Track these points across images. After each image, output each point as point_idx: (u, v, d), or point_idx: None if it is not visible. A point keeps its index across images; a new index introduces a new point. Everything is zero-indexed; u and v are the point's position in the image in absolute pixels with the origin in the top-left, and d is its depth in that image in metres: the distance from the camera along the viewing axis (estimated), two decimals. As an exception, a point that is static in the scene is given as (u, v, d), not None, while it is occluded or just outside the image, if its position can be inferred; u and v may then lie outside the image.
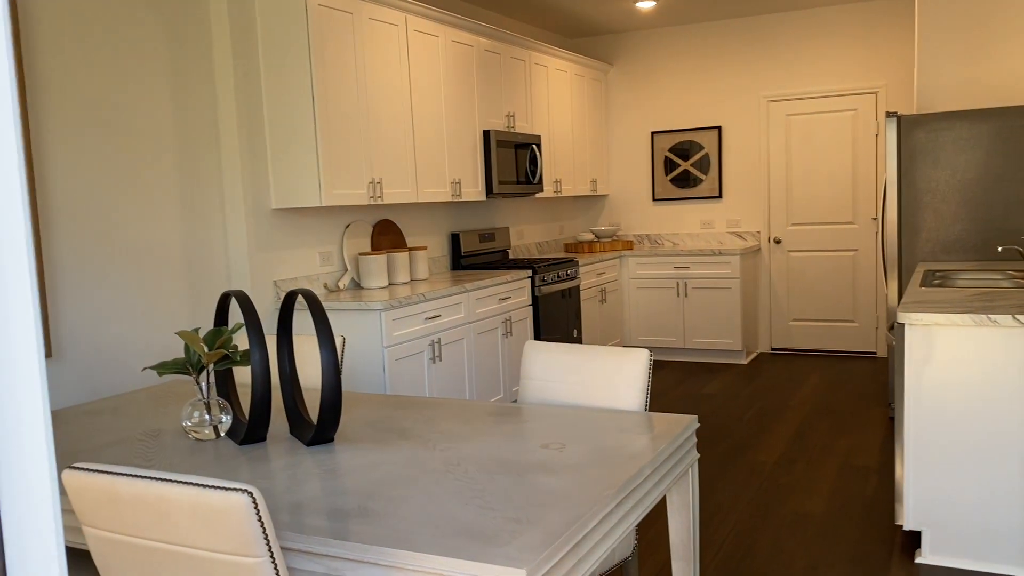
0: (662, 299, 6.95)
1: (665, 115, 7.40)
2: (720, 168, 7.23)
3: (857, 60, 6.68)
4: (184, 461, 2.09)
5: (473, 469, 1.91)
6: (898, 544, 3.26)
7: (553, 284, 5.65)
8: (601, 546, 1.70)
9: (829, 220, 6.92)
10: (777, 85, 6.97)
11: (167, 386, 3.01)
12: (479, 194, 5.43)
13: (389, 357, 4.07)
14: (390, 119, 4.59)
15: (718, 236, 7.31)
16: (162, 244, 3.73)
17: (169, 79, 3.76)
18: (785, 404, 5.47)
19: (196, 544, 1.42)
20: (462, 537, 1.52)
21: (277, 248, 4.26)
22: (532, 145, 5.90)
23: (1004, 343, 2.89)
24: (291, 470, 1.98)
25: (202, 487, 1.39)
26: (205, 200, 3.95)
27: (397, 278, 4.79)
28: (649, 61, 7.40)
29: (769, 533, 3.44)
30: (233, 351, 2.28)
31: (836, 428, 4.88)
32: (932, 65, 5.10)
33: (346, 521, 1.63)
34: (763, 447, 4.58)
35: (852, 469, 4.16)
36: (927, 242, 4.76)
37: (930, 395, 3.01)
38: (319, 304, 2.14)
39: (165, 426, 2.45)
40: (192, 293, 3.88)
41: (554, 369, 2.61)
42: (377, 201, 4.46)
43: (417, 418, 2.39)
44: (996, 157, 4.58)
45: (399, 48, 4.67)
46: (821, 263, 6.99)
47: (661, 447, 2.03)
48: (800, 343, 7.13)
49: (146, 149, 3.65)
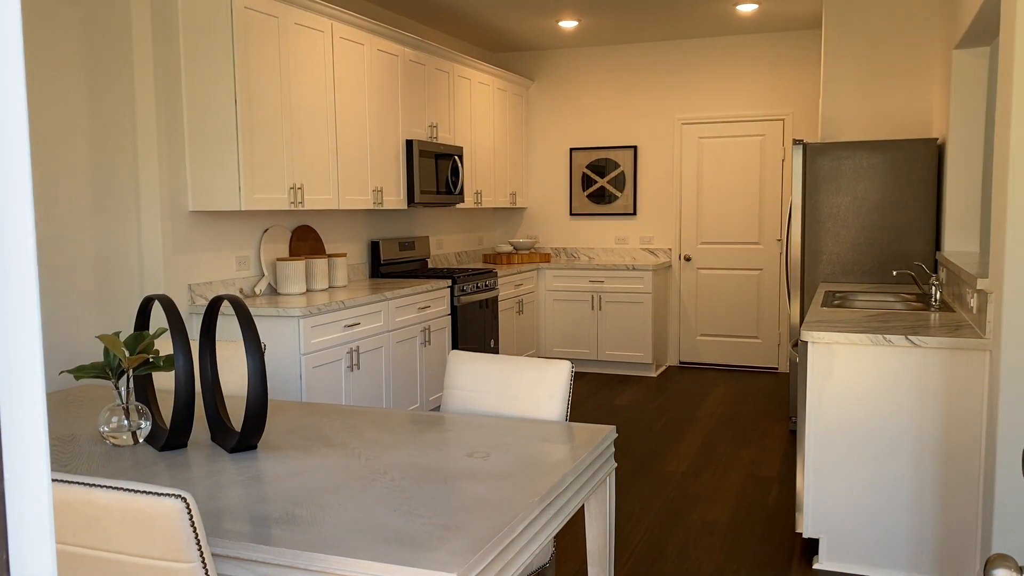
0: (577, 312, 7.09)
1: (584, 132, 7.57)
2: (635, 186, 7.44)
3: (767, 88, 7.00)
4: (102, 467, 2.05)
5: (400, 477, 1.94)
6: (797, 551, 3.44)
7: (472, 294, 5.71)
8: (526, 551, 1.75)
9: (737, 240, 7.20)
10: (691, 108, 7.22)
11: (79, 390, 2.93)
12: (400, 203, 5.44)
13: (307, 364, 4.04)
14: (313, 125, 4.57)
15: (632, 252, 7.50)
16: (73, 244, 3.61)
17: (85, 74, 3.65)
18: (693, 416, 5.66)
19: (126, 550, 1.41)
20: (392, 543, 1.56)
21: (193, 251, 4.17)
22: (454, 156, 5.95)
23: (898, 361, 3.09)
24: (214, 477, 1.96)
25: (133, 492, 1.39)
26: (119, 200, 3.85)
27: (315, 284, 4.76)
28: (570, 79, 7.56)
29: (677, 539, 3.56)
30: (155, 356, 2.24)
31: (740, 440, 5.08)
32: (836, 96, 5.39)
33: (273, 527, 1.64)
34: (672, 457, 4.73)
35: (755, 479, 4.35)
36: (828, 264, 5.03)
37: (829, 409, 3.19)
38: (246, 310, 2.13)
39: (79, 431, 2.38)
40: (104, 295, 3.77)
41: (478, 379, 2.66)
42: (298, 207, 4.42)
43: (340, 426, 2.40)
44: (892, 186, 4.88)
45: (324, 54, 4.65)
46: (728, 281, 7.26)
47: (582, 456, 2.11)
48: (707, 357, 7.38)
49: (59, 146, 3.54)
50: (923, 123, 5.26)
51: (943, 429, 3.06)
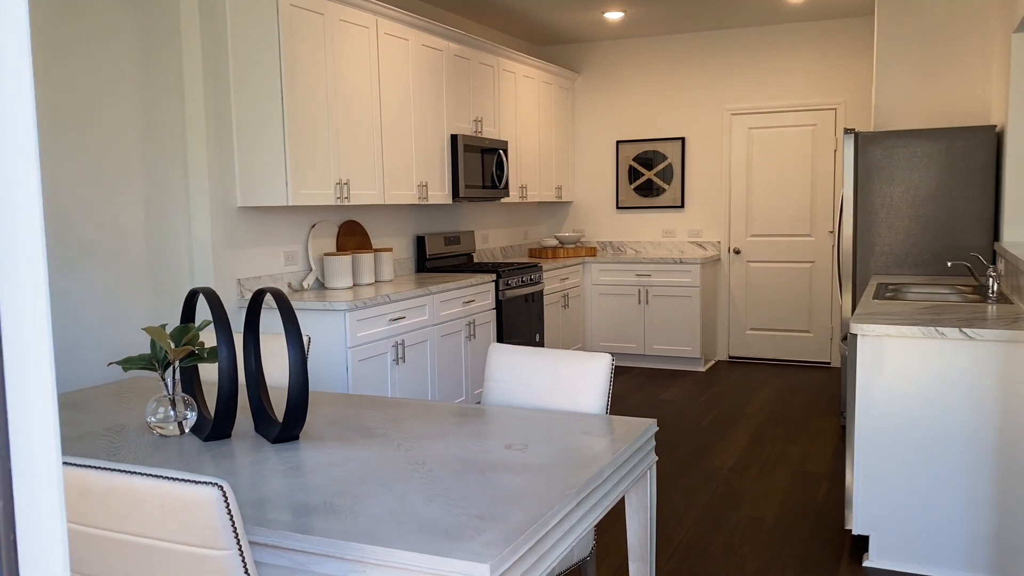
0: (624, 306, 7.04)
1: (630, 124, 7.50)
2: (683, 178, 7.35)
3: (818, 77, 6.85)
4: (148, 456, 2.09)
5: (438, 468, 1.95)
6: (847, 548, 3.37)
7: (517, 288, 5.71)
8: (561, 544, 1.75)
9: (787, 232, 7.07)
10: (740, 98, 7.11)
11: (129, 382, 3.00)
12: (445, 197, 5.47)
13: (353, 357, 4.09)
14: (358, 121, 4.61)
15: (679, 245, 7.42)
16: (126, 240, 3.71)
17: (138, 75, 3.74)
18: (741, 411, 5.58)
19: (165, 537, 1.44)
20: (427, 533, 1.56)
21: (242, 246, 4.25)
22: (499, 150, 5.95)
23: (950, 354, 3.00)
24: (256, 467, 1.99)
25: (172, 480, 1.41)
26: (170, 196, 3.94)
27: (362, 279, 4.80)
28: (616, 71, 7.50)
29: (723, 536, 3.52)
30: (200, 348, 2.29)
31: (790, 436, 5.00)
32: (889, 84, 5.25)
33: (312, 517, 1.65)
34: (719, 452, 4.67)
35: (804, 476, 4.27)
36: (881, 256, 4.90)
37: (880, 403, 3.11)
38: (288, 304, 2.16)
39: (128, 422, 2.44)
40: (155, 289, 3.85)
41: (518, 372, 2.65)
42: (344, 202, 4.47)
43: (382, 417, 2.42)
44: (947, 175, 4.74)
45: (369, 50, 4.69)
46: (779, 274, 7.14)
47: (621, 449, 2.09)
48: (757, 352, 7.27)
49: (112, 144, 3.63)
50: (981, 110, 5.09)
51: (999, 424, 2.96)
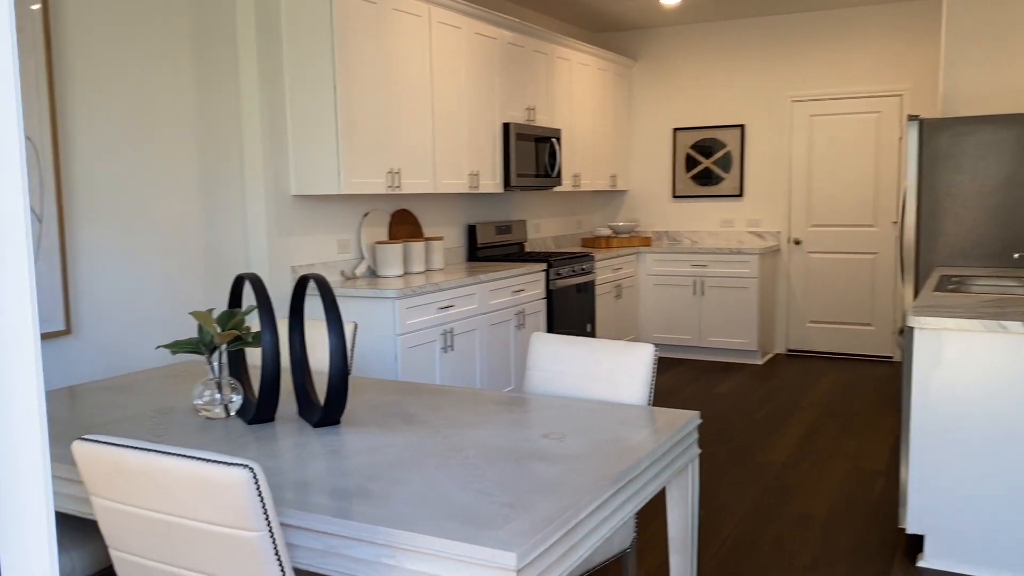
0: (678, 297, 6.95)
1: (688, 112, 7.38)
2: (742, 166, 7.21)
3: (883, 62, 6.64)
4: (193, 438, 2.14)
5: (474, 455, 1.95)
6: (900, 547, 3.27)
7: (568, 278, 5.68)
8: (594, 535, 1.73)
9: (850, 222, 6.88)
10: (802, 85, 6.93)
11: (182, 365, 3.08)
12: (497, 186, 5.46)
13: (402, 345, 4.12)
14: (410, 110, 4.63)
15: (738, 235, 7.29)
16: (182, 227, 3.79)
17: (193, 66, 3.82)
18: (797, 405, 5.46)
19: (198, 517, 1.47)
20: (457, 520, 1.56)
21: (296, 234, 4.31)
22: (552, 139, 5.92)
23: (1014, 350, 2.88)
24: (297, 450, 2.02)
25: (204, 461, 1.44)
26: (226, 185, 4.01)
27: (413, 267, 4.83)
28: (674, 57, 7.39)
29: (772, 531, 3.45)
30: (245, 332, 2.33)
31: (846, 431, 4.87)
32: (958, 69, 5.06)
33: (346, 500, 1.67)
34: (772, 447, 4.58)
35: (859, 472, 4.16)
36: (945, 247, 4.73)
37: (937, 399, 3.00)
38: (329, 289, 2.18)
39: (177, 404, 2.50)
40: (210, 276, 3.94)
41: (560, 360, 2.64)
42: (395, 191, 4.50)
43: (423, 404, 2.43)
44: (1018, 164, 4.55)
45: (422, 39, 4.70)
46: (840, 265, 6.96)
47: (661, 441, 2.06)
48: (817, 345, 7.10)
49: (169, 133, 3.72)
50: (1056, 95, 4.86)
51: (1065, 424, 2.83)
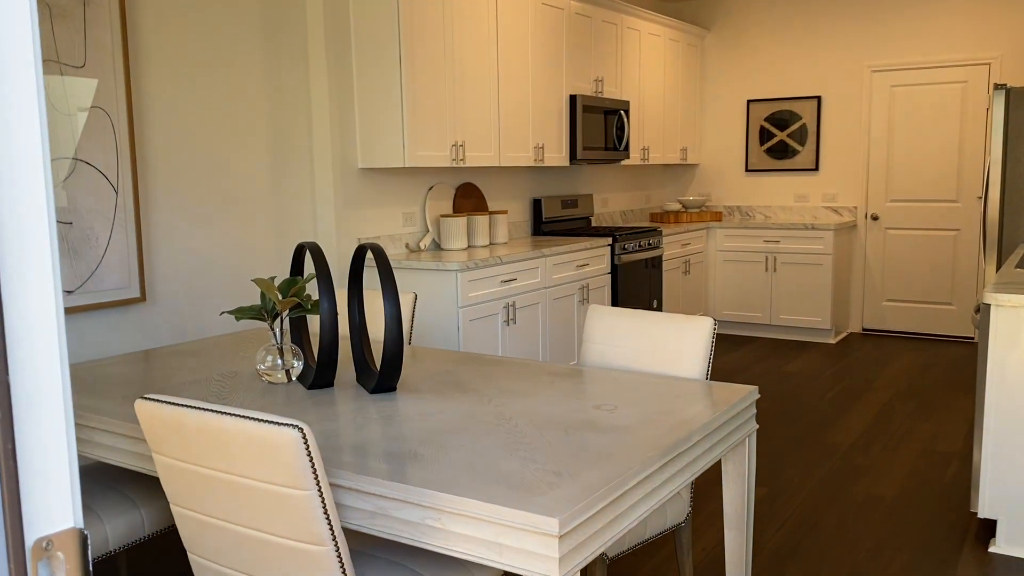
0: (750, 273, 6.82)
1: (762, 83, 7.19)
2: (818, 139, 7.00)
3: (969, 29, 6.32)
4: (255, 401, 2.21)
5: (523, 423, 1.96)
6: (972, 532, 3.16)
7: (634, 253, 5.62)
8: (641, 505, 1.72)
9: (931, 198, 6.62)
10: (882, 55, 6.67)
11: (249, 332, 3.17)
12: (562, 159, 5.43)
13: (464, 317, 4.15)
14: (475, 82, 4.63)
15: (812, 210, 7.09)
16: (253, 198, 3.89)
17: (264, 40, 3.89)
18: (870, 386, 5.31)
19: (251, 475, 1.52)
20: (501, 485, 1.57)
21: (363, 206, 4.38)
22: (620, 111, 5.84)
23: (1099, 330, 2.74)
24: (353, 415, 2.07)
25: (257, 421, 1.48)
26: (295, 158, 4.09)
27: (476, 241, 4.86)
28: (748, 27, 7.19)
29: (836, 512, 3.38)
30: (306, 300, 2.38)
31: (921, 412, 4.72)
32: (1051, 35, 4.78)
33: (396, 463, 1.70)
34: (841, 428, 4.48)
35: (932, 455, 4.03)
36: (1032, 223, 4.52)
37: (1013, 380, 2.88)
38: (385, 258, 2.21)
39: (242, 369, 2.58)
40: (279, 246, 4.04)
41: (616, 334, 2.62)
42: (459, 164, 4.52)
43: (478, 374, 2.45)
44: (1115, 134, 4.29)
45: (488, 10, 4.69)
46: (920, 242, 6.71)
47: (714, 415, 2.03)
48: (893, 324, 6.88)
49: (240, 106, 3.80)
50: None
51: None
